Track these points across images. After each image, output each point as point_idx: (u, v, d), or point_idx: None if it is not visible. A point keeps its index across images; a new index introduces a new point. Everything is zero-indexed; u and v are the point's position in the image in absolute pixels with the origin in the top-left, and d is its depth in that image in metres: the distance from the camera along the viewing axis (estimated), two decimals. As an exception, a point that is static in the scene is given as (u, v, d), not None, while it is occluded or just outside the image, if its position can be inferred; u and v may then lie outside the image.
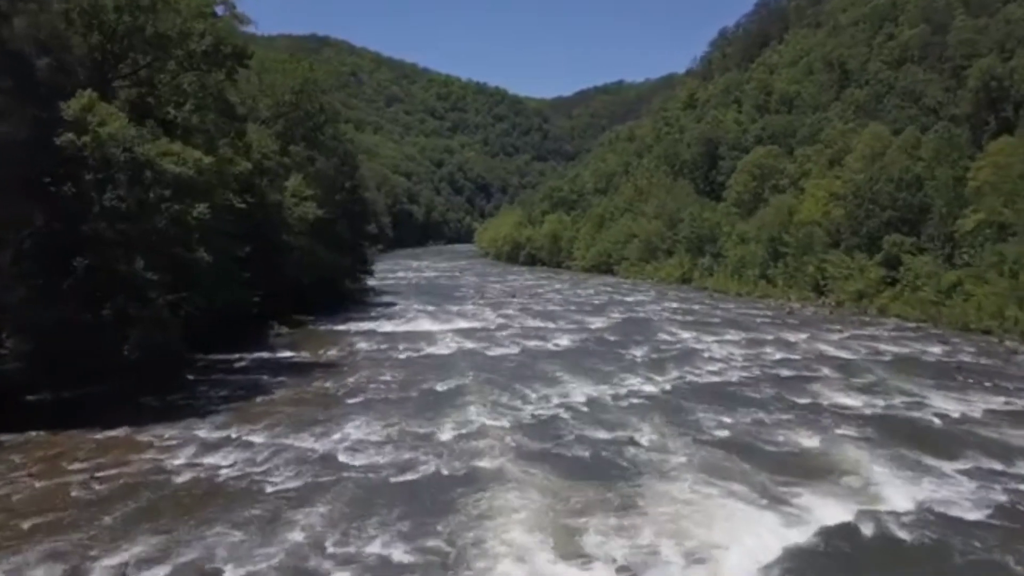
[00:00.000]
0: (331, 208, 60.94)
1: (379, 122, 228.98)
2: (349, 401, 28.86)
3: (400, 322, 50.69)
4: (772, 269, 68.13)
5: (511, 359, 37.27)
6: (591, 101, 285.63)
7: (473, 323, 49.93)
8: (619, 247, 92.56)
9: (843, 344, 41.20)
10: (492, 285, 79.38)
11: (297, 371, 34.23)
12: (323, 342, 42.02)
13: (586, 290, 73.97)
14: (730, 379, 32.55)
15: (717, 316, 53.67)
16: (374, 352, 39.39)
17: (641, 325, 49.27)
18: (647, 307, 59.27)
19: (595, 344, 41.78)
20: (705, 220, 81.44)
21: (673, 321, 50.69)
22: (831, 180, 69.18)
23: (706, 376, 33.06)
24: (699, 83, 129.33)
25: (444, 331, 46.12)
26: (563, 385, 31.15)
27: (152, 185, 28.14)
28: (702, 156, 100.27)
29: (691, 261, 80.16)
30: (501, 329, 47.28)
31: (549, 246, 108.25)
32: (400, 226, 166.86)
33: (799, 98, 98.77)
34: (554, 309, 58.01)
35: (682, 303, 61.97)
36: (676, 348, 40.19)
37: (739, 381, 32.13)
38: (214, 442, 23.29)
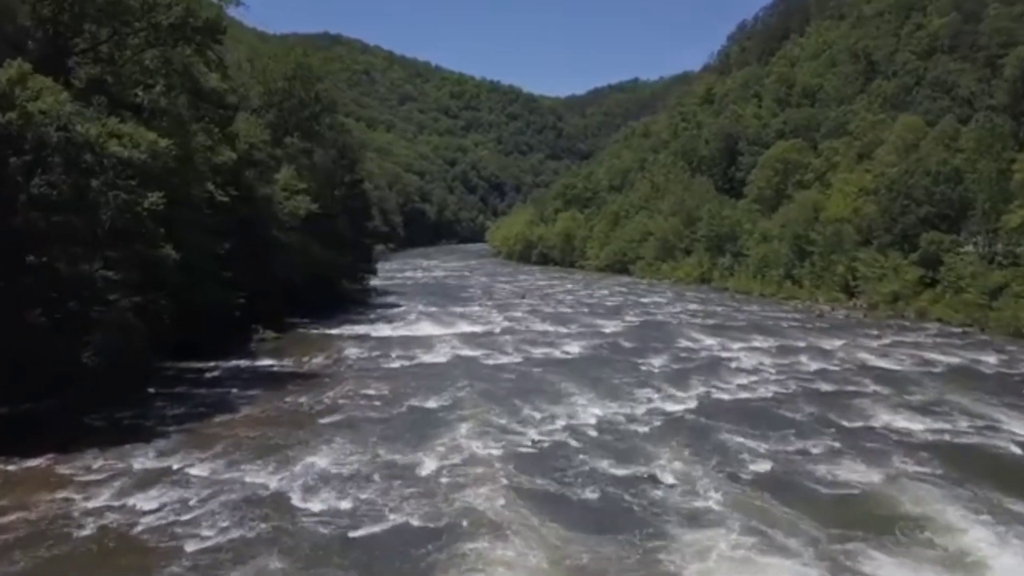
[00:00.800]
0: (329, 203, 56.95)
1: (392, 120, 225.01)
2: (323, 421, 24.66)
3: (399, 325, 46.51)
4: (797, 269, 63.47)
5: (514, 369, 32.96)
6: (605, 99, 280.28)
7: (476, 327, 45.68)
8: (634, 246, 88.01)
9: (885, 352, 36.64)
10: (501, 285, 75.09)
11: (273, 383, 30.08)
12: (310, 348, 37.89)
13: (600, 291, 69.56)
14: (763, 395, 28.08)
15: (741, 319, 49.15)
16: (364, 360, 35.21)
17: (659, 330, 44.87)
18: (665, 309, 54.81)
19: (608, 352, 37.41)
20: (725, 218, 76.84)
21: (694, 325, 46.23)
22: (860, 174, 64.54)
23: (735, 391, 28.60)
24: (716, 78, 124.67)
25: (444, 336, 41.90)
26: (571, 402, 26.82)
27: (94, 170, 23.99)
28: (720, 152, 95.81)
29: (710, 260, 75.57)
30: (506, 334, 43.00)
31: (562, 245, 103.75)
32: (412, 225, 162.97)
33: (822, 91, 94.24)
34: (565, 311, 53.66)
35: (702, 305, 57.45)
36: (699, 357, 35.75)
37: (774, 398, 27.65)
38: (149, 475, 19.14)
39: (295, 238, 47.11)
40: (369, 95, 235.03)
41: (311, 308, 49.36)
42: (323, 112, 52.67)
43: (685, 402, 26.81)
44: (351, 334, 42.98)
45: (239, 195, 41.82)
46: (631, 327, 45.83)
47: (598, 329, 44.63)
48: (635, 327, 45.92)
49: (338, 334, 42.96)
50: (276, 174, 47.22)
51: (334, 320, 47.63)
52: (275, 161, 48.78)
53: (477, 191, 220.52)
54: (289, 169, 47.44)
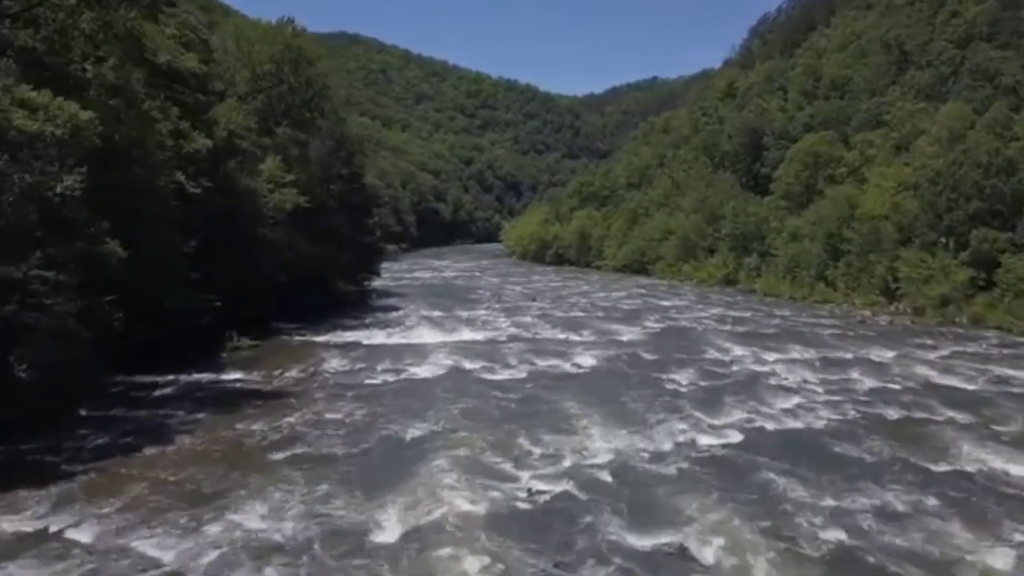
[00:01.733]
0: (323, 197, 52.15)
1: (407, 120, 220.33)
2: (272, 457, 19.67)
3: (394, 331, 41.53)
4: (831, 270, 57.91)
5: (516, 386, 27.81)
6: (624, 98, 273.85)
7: (480, 334, 40.62)
8: (654, 245, 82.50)
9: (947, 367, 31.16)
10: (512, 287, 69.91)
11: (229, 403, 25.15)
12: (288, 358, 32.96)
13: (617, 293, 64.23)
14: (816, 424, 22.77)
15: (774, 325, 43.78)
16: (345, 374, 30.22)
17: (683, 338, 39.60)
18: (688, 314, 49.45)
19: (626, 365, 32.17)
20: (750, 215, 71.29)
21: (722, 332, 40.91)
22: (899, 167, 58.80)
23: (781, 418, 23.30)
24: (738, 72, 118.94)
25: (442, 344, 36.86)
26: (581, 431, 21.69)
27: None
28: (744, 147, 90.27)
29: (735, 260, 70.03)
30: (512, 342, 37.89)
31: (577, 244, 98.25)
32: (426, 224, 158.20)
33: (852, 83, 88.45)
34: (578, 316, 48.42)
35: (729, 309, 52.05)
36: (732, 371, 30.46)
37: (830, 427, 22.35)
38: (15, 542, 14.24)
39: (281, 234, 42.32)
40: (385, 94, 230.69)
41: (302, 311, 44.53)
42: (315, 99, 47.77)
43: (720, 433, 21.57)
44: (339, 341, 38.08)
45: (216, 186, 37.27)
46: (651, 334, 40.60)
47: (615, 337, 39.41)
48: (656, 334, 40.69)
49: (325, 341, 38.06)
50: (261, 165, 42.39)
51: (325, 325, 42.73)
52: (262, 151, 43.99)
53: (493, 190, 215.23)
54: (275, 159, 42.55)
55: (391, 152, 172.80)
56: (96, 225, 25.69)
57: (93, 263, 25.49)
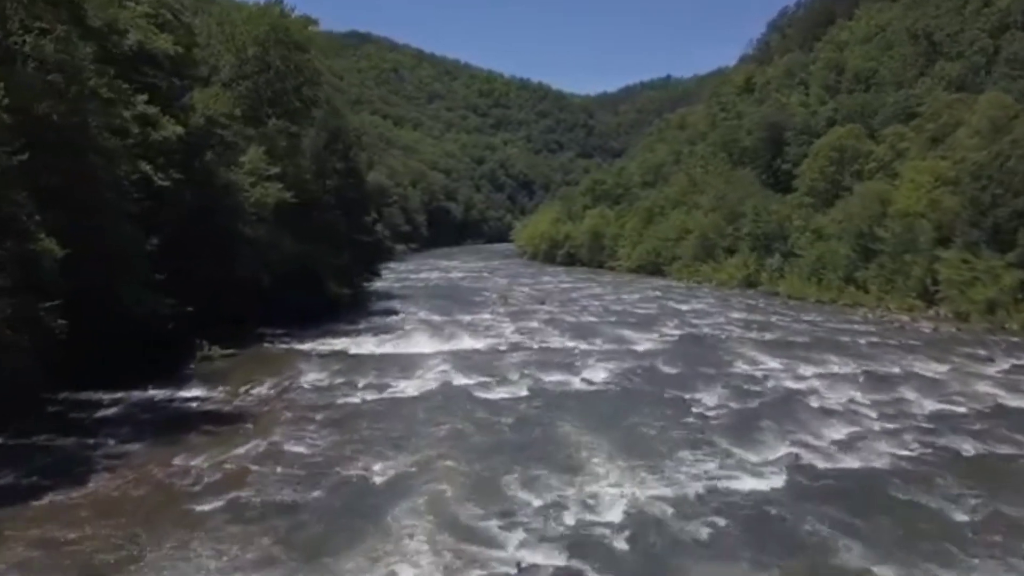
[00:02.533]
0: (317, 193, 48.32)
1: (419, 119, 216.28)
2: (203, 505, 15.62)
3: (388, 338, 37.55)
4: (862, 271, 53.48)
5: (515, 408, 23.70)
6: (637, 97, 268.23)
7: (481, 341, 36.58)
8: (670, 245, 78.13)
9: (1014, 384, 26.76)
10: (520, 289, 65.79)
11: (176, 428, 21.20)
12: (260, 371, 29.01)
13: (631, 295, 59.97)
14: (876, 461, 18.50)
15: (804, 332, 39.47)
16: (320, 391, 26.22)
17: (706, 347, 35.38)
18: (709, 319, 45.16)
19: (643, 380, 27.98)
20: (772, 213, 66.93)
21: (748, 340, 36.65)
22: (935, 161, 54.26)
23: (832, 453, 19.06)
24: (756, 67, 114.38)
25: (438, 354, 32.83)
26: (587, 471, 17.59)
27: None
28: (764, 142, 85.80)
29: (757, 261, 65.62)
30: (514, 351, 33.82)
31: (590, 244, 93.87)
32: (437, 224, 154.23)
33: (877, 75, 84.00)
34: (590, 321, 44.26)
35: (753, 313, 47.77)
36: (765, 389, 26.23)
37: (895, 467, 18.09)
38: None
39: (266, 232, 38.42)
40: (397, 93, 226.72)
41: (290, 315, 40.66)
42: (306, 86, 43.79)
43: (759, 474, 17.39)
44: (325, 350, 34.19)
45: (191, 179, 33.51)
46: (670, 343, 36.38)
47: (629, 346, 35.22)
48: (675, 343, 36.47)
49: (308, 350, 34.16)
50: (244, 156, 38.54)
51: (313, 330, 38.85)
52: (247, 142, 40.17)
53: (505, 190, 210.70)
54: (258, 150, 38.65)
55: (402, 151, 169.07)
56: (30, 219, 22.06)
57: (29, 263, 21.88)
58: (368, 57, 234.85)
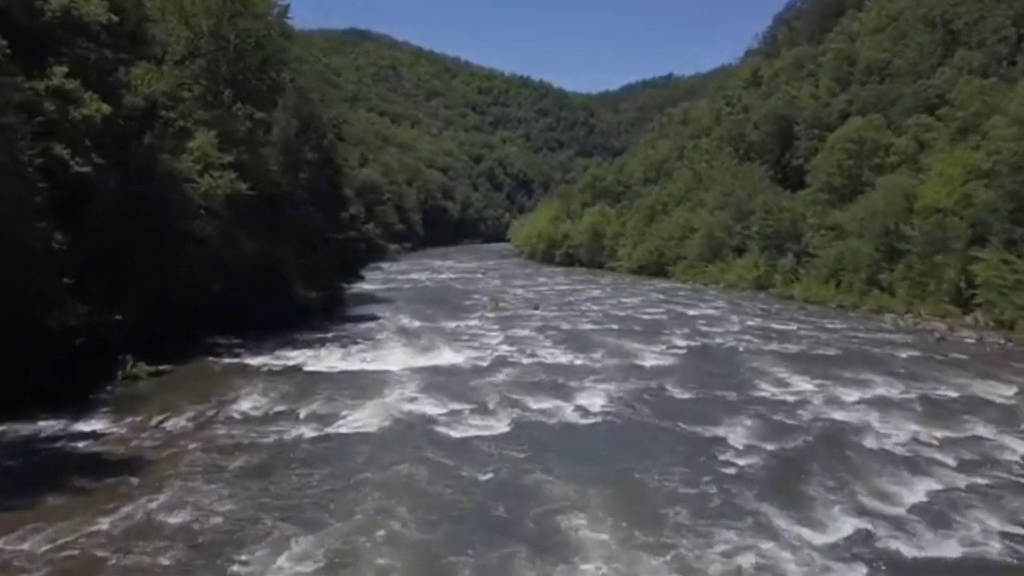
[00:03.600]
0: (289, 187, 43.18)
1: (417, 116, 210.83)
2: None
3: (356, 351, 32.33)
4: (886, 273, 48.16)
5: (488, 453, 18.36)
6: (639, 95, 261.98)
7: (462, 354, 31.30)
8: (674, 244, 72.82)
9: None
10: (514, 291, 60.51)
11: (39, 479, 15.89)
12: (188, 395, 23.70)
13: (633, 299, 54.66)
14: (988, 544, 13.17)
15: (832, 344, 34.14)
16: (251, 422, 20.92)
17: (722, 362, 30.07)
18: (722, 326, 39.83)
19: (651, 410, 22.61)
20: (784, 210, 61.65)
21: (770, 354, 31.35)
22: (967, 152, 48.96)
23: (918, 529, 13.68)
24: (763, 60, 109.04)
25: (407, 372, 27.58)
26: (574, 554, 12.32)
27: None
28: (772, 136, 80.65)
29: (768, 261, 60.29)
30: (499, 368, 28.53)
31: (589, 243, 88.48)
32: (433, 223, 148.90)
33: (892, 65, 78.72)
34: (588, 330, 38.97)
35: (769, 319, 42.45)
36: (804, 422, 20.88)
37: (1017, 552, 12.80)
38: None
39: (217, 229, 33.16)
40: (395, 91, 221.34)
41: (251, 323, 35.51)
42: (269, 64, 38.52)
43: (825, 569, 12.07)
44: (277, 366, 28.96)
45: (124, 165, 28.43)
46: (680, 357, 31.07)
47: (633, 361, 29.91)
48: (686, 357, 31.16)
49: (258, 366, 28.91)
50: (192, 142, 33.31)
51: (273, 340, 33.66)
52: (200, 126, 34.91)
53: (503, 189, 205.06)
54: (208, 135, 33.38)
55: (398, 149, 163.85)
56: None
57: None
58: (367, 54, 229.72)
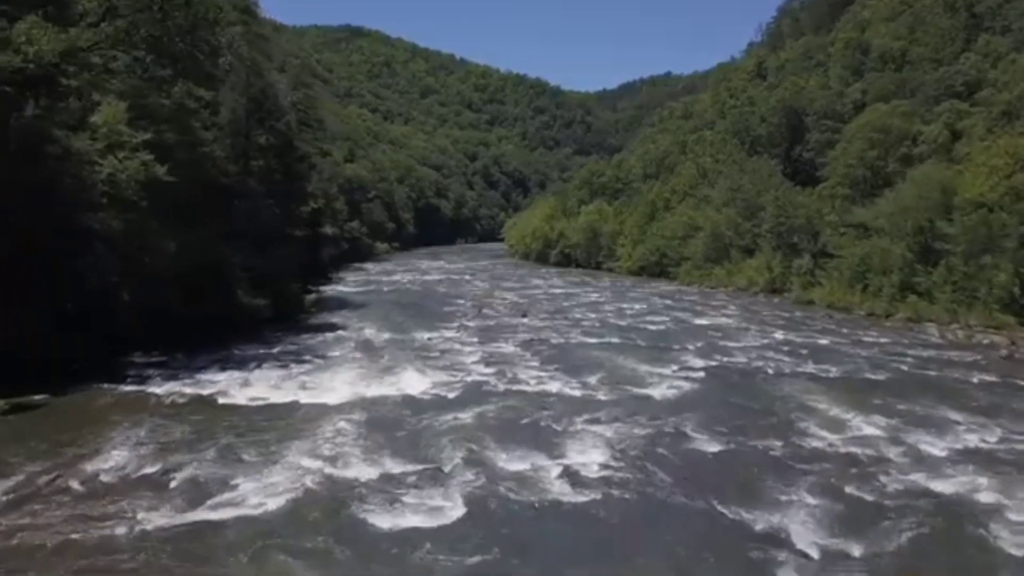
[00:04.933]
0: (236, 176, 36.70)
1: (410, 113, 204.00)
2: None
3: (297, 374, 25.81)
4: (922, 276, 41.66)
5: (428, 560, 11.83)
6: (637, 93, 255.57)
7: (426, 379, 24.79)
8: (677, 244, 66.29)
9: None
10: (503, 295, 53.92)
11: None
12: (37, 443, 17.15)
13: (634, 304, 48.15)
14: None
15: (879, 364, 27.58)
16: (94, 497, 14.37)
17: (753, 391, 23.51)
18: (741, 339, 33.25)
19: (670, 475, 15.85)
20: (800, 207, 55.14)
21: (809, 379, 24.84)
22: (1013, 139, 42.58)
23: None
24: (769, 52, 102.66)
25: (350, 407, 21.08)
26: None
27: None
28: (780, 129, 74.23)
29: (782, 263, 53.76)
30: (467, 403, 21.96)
31: (586, 243, 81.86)
32: (425, 222, 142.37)
33: (910, 52, 72.39)
34: (583, 344, 32.44)
35: (794, 331, 35.88)
36: (892, 496, 14.32)
37: None
38: None
39: (124, 223, 26.60)
40: (389, 87, 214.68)
41: (180, 338, 29.03)
42: (201, 28, 31.97)
43: None
44: (188, 395, 22.45)
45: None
46: (698, 384, 24.52)
47: (639, 390, 23.38)
48: (706, 384, 24.62)
49: (161, 396, 22.37)
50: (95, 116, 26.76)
51: (201, 359, 27.29)
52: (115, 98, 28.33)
53: (499, 187, 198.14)
54: (117, 107, 26.80)
55: (390, 146, 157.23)
56: None
57: None
58: (360, 51, 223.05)
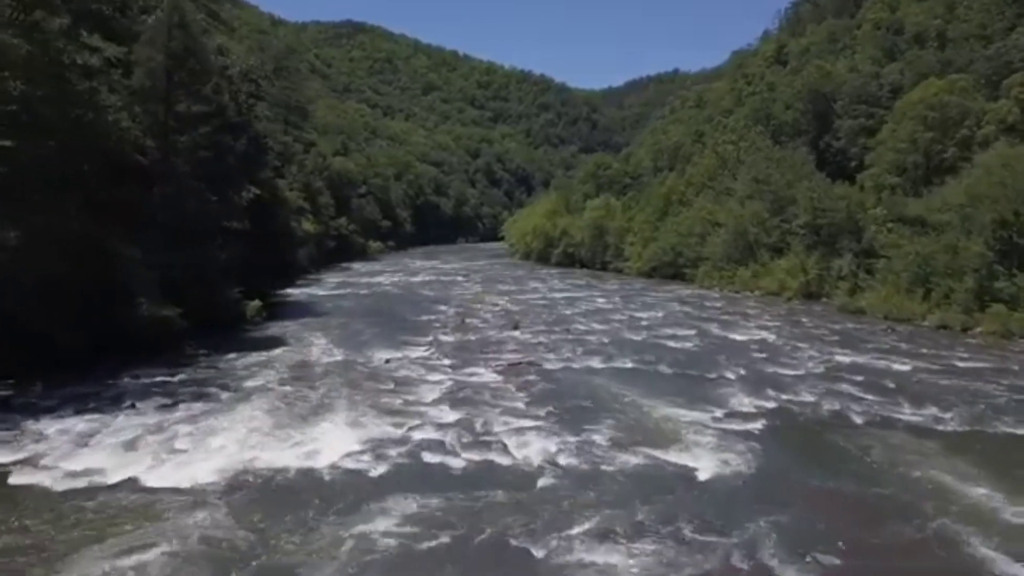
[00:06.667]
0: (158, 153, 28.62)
1: (411, 109, 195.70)
2: None
3: (172, 421, 17.73)
4: (1005, 280, 33.20)
5: None
6: (643, 91, 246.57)
7: (357, 436, 16.63)
8: (694, 242, 57.90)
9: None
10: (495, 300, 45.57)
11: None
12: None
13: (649, 313, 39.77)
14: None
15: (1005, 408, 19.20)
16: None
17: (845, 461, 15.13)
18: (797, 366, 24.77)
19: None
20: (840, 199, 46.72)
21: (912, 432, 16.56)
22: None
23: None
24: (788, 38, 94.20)
25: (211, 494, 12.94)
26: None
27: None
28: (807, 116, 66.10)
29: (819, 264, 45.34)
30: (402, 486, 13.72)
31: (591, 241, 73.29)
32: (424, 220, 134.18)
33: (950, 30, 64.28)
34: (587, 370, 24.10)
35: (858, 351, 27.38)
36: None
37: None
38: None
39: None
40: (390, 83, 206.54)
41: (49, 358, 21.04)
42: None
43: None
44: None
45: None
46: (760, 445, 16.15)
47: (673, 461, 15.02)
48: (770, 444, 16.25)
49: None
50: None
51: (66, 391, 19.24)
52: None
53: (502, 185, 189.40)
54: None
55: (387, 142, 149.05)
56: None
57: None
58: (361, 47, 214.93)
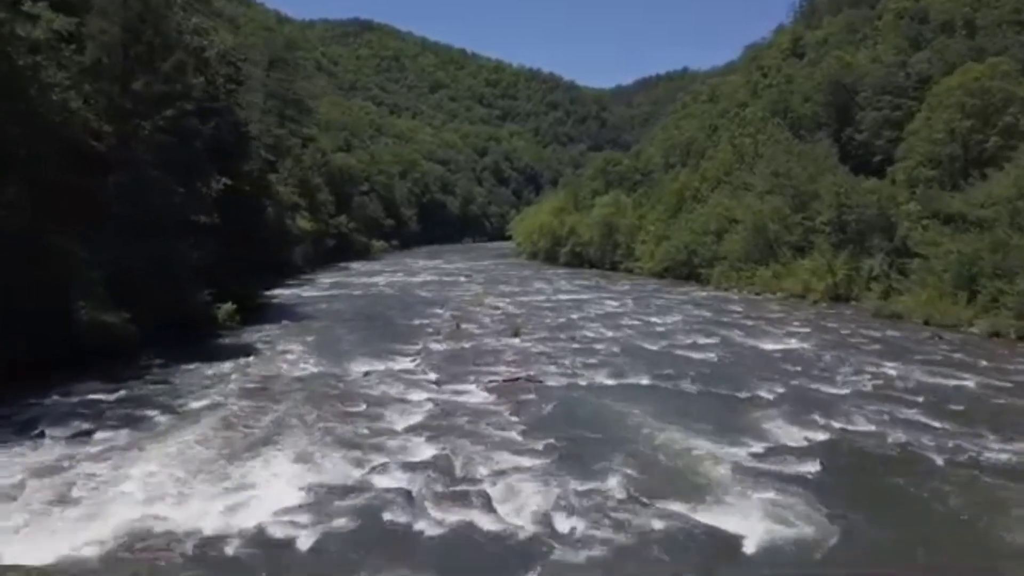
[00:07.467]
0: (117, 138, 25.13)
1: (419, 107, 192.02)
2: None
3: (76, 459, 14.09)
4: (1066, 283, 29.29)
5: None
6: (653, 89, 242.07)
7: (303, 483, 12.97)
8: (709, 240, 54.01)
9: None
10: (495, 303, 41.74)
11: None
12: None
13: (665, 317, 35.93)
14: None
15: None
16: None
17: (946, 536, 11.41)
18: (843, 384, 20.90)
19: None
20: (870, 193, 42.88)
21: (1009, 473, 12.71)
22: None
23: None
24: (804, 29, 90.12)
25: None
26: None
27: None
28: (827, 109, 62.37)
29: (847, 264, 41.43)
30: (345, 568, 10.00)
31: (600, 240, 69.34)
32: (430, 219, 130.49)
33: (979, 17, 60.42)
34: (595, 387, 20.32)
35: (908, 364, 23.48)
36: None
37: None
38: None
39: None
40: (398, 82, 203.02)
41: None
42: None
43: None
44: None
45: None
46: (815, 494, 12.41)
47: (704, 522, 11.28)
48: (829, 496, 12.50)
49: None
50: None
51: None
52: None
53: (510, 184, 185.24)
54: None
55: (394, 140, 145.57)
56: None
57: None
58: (369, 45, 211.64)
